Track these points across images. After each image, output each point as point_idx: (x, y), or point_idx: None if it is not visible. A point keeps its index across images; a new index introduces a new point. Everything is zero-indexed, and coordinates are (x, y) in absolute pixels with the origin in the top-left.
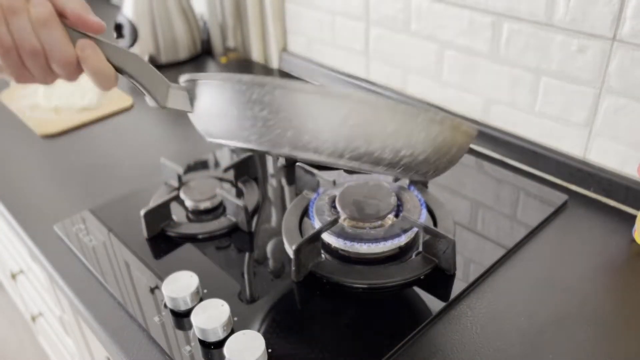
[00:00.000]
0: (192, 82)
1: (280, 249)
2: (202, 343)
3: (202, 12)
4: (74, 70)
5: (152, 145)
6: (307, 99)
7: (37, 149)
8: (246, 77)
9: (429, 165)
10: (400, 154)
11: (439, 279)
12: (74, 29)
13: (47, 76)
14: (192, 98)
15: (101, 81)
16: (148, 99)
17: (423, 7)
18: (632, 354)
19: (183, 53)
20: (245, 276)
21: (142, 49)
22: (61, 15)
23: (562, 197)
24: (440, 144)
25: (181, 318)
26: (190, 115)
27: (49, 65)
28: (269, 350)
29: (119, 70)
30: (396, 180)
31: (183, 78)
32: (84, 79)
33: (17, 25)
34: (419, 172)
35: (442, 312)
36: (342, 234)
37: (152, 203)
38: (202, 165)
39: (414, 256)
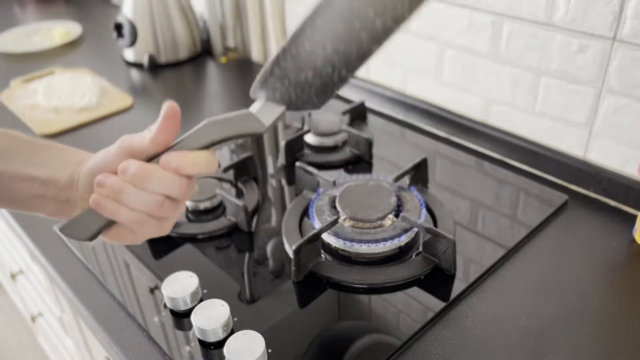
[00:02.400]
0: (261, 89)
1: (280, 249)
2: (202, 343)
3: (202, 12)
4: (189, 184)
5: None
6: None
7: None
8: (283, 43)
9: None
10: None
11: (439, 279)
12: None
13: (178, 209)
14: (274, 100)
15: (205, 168)
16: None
17: (423, 6)
18: (632, 354)
19: (183, 53)
20: (245, 276)
21: (142, 49)
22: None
23: (562, 197)
24: None
25: (181, 318)
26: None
27: (175, 203)
28: (269, 350)
29: (207, 147)
30: (396, 180)
31: (252, 94)
32: (83, 77)
33: (133, 199)
34: None
35: (442, 312)
36: (342, 234)
37: None
38: None
39: (414, 256)
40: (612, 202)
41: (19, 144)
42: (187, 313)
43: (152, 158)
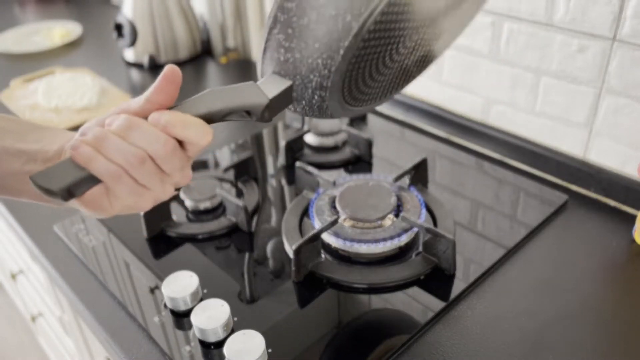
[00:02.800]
0: (264, 61)
1: (280, 249)
2: (202, 343)
3: (202, 12)
4: (181, 157)
5: None
6: None
7: None
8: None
9: None
10: None
11: (439, 279)
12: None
13: (164, 182)
14: (282, 71)
15: (198, 137)
16: (252, 113)
17: None
18: (632, 354)
19: (183, 53)
20: (245, 276)
21: (142, 49)
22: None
23: (562, 197)
24: None
25: (181, 318)
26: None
27: (159, 167)
28: (269, 350)
29: (206, 117)
30: (396, 180)
31: (258, 69)
32: (83, 77)
33: (111, 147)
34: None
35: (442, 312)
36: (342, 234)
37: None
38: (202, 165)
39: (414, 256)
40: (612, 202)
41: (15, 125)
42: (187, 313)
43: None
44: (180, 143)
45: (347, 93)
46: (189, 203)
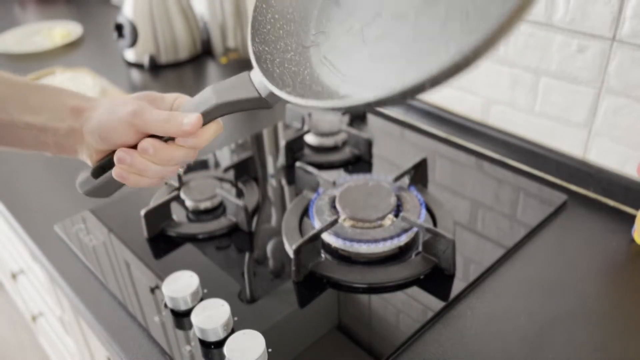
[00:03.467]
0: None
1: (280, 249)
2: (202, 343)
3: (202, 13)
4: (197, 152)
5: None
6: None
7: None
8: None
9: None
10: None
11: (439, 279)
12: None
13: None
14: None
15: (213, 137)
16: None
17: None
18: (632, 354)
19: (183, 53)
20: (245, 276)
21: (142, 49)
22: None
23: (561, 197)
24: None
25: (181, 318)
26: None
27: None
28: (269, 350)
29: (213, 118)
30: (396, 180)
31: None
32: (84, 78)
33: (153, 173)
34: None
35: (442, 312)
36: (342, 234)
37: (153, 203)
38: (202, 165)
39: (414, 256)
40: (612, 202)
41: (11, 89)
42: (188, 313)
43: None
44: None
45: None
46: (189, 203)
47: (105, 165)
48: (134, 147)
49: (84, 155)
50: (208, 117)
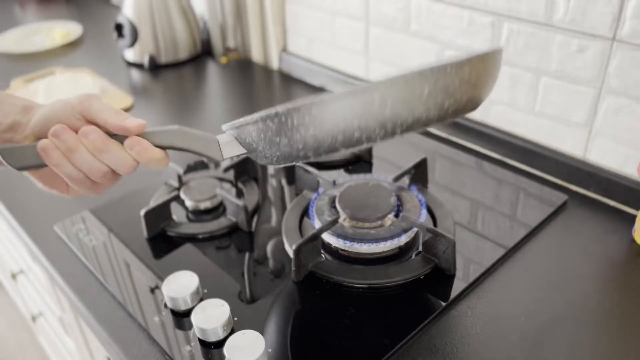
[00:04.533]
0: (236, 129)
1: (280, 249)
2: (202, 343)
3: (202, 12)
4: (134, 168)
5: None
6: (343, 104)
7: None
8: (281, 108)
9: (475, 98)
10: (445, 106)
11: (439, 279)
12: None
13: (114, 181)
14: (241, 141)
15: (155, 165)
16: (205, 159)
17: (423, 7)
18: (632, 354)
19: (183, 53)
20: (245, 276)
21: (142, 49)
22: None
23: (561, 197)
24: (476, 78)
25: (181, 318)
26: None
27: (115, 176)
28: (269, 350)
29: (167, 147)
30: (396, 180)
31: (225, 127)
32: (84, 78)
33: (81, 160)
34: (468, 108)
35: (442, 312)
36: (342, 234)
37: (153, 203)
38: (202, 165)
39: (414, 256)
40: (612, 202)
41: None
42: (188, 313)
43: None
44: None
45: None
46: (189, 203)
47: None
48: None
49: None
50: (159, 138)
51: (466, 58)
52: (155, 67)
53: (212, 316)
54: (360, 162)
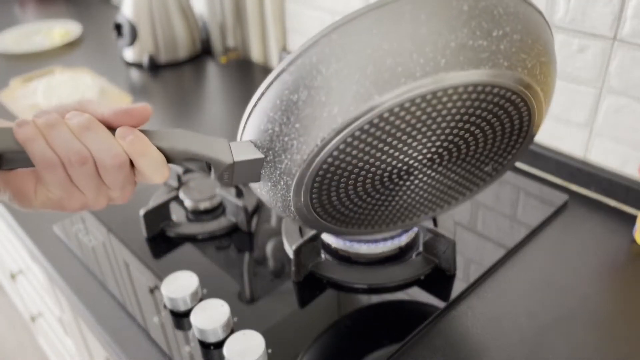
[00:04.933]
0: (250, 130)
1: (280, 249)
2: (202, 343)
3: (202, 12)
4: (127, 176)
5: None
6: (369, 22)
7: None
8: (290, 56)
9: (527, 46)
10: (494, 35)
11: (439, 279)
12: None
13: (99, 191)
14: (257, 145)
15: (152, 169)
16: (213, 173)
17: None
18: (632, 354)
19: (183, 53)
20: (245, 276)
21: (142, 49)
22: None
23: (562, 197)
24: (524, 19)
25: (181, 318)
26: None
27: (99, 175)
28: (269, 351)
29: (167, 150)
30: None
31: (240, 130)
32: (83, 77)
33: (58, 137)
34: (524, 52)
35: (442, 312)
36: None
37: (152, 203)
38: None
39: (414, 256)
40: (612, 202)
41: None
42: (187, 313)
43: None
44: (132, 163)
45: (316, 198)
46: (188, 203)
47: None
48: None
49: None
50: (159, 137)
51: None
52: (154, 67)
53: (211, 316)
54: None
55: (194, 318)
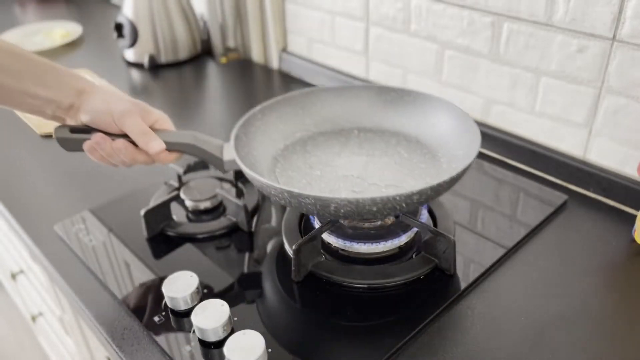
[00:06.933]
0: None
1: (280, 248)
2: (202, 343)
3: (202, 12)
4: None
5: None
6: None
7: (37, 149)
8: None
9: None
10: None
11: (439, 279)
12: None
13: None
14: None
15: (166, 162)
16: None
17: (423, 7)
18: (632, 354)
19: (183, 53)
20: (245, 276)
21: (142, 49)
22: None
23: (561, 197)
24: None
25: (181, 318)
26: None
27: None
28: (269, 350)
29: (175, 144)
30: None
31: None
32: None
33: (114, 161)
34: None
35: (442, 312)
36: (342, 234)
37: (152, 203)
38: (202, 165)
39: (414, 256)
40: (612, 202)
41: (28, 64)
42: (187, 313)
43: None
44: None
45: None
46: (189, 203)
47: (82, 130)
48: (110, 134)
49: (71, 121)
50: (175, 147)
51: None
52: (155, 67)
53: (212, 316)
54: None
55: (194, 318)
